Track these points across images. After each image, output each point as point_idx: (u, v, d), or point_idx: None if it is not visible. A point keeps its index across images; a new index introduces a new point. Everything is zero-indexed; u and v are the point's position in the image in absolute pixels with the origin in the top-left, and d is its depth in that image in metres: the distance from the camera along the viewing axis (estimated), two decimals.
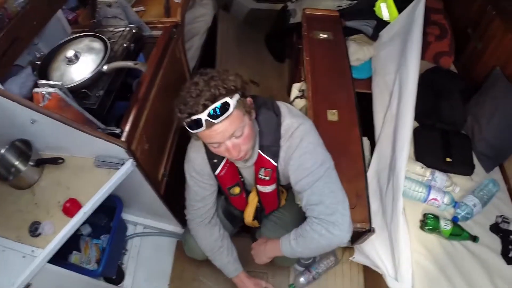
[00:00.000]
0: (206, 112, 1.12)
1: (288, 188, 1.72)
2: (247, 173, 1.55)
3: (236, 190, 1.59)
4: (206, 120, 1.13)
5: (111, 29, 1.87)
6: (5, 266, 1.27)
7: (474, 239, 1.68)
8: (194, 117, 1.14)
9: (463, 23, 2.40)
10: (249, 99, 1.25)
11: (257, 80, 3.54)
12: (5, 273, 1.25)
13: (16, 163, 1.56)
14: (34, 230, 1.34)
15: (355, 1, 2.52)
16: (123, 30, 1.84)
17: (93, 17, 1.93)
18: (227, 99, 1.13)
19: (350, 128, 1.82)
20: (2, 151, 1.50)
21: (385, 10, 2.38)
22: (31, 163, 1.45)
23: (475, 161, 1.94)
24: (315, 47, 2.17)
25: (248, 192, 1.65)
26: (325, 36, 2.23)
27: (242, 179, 1.58)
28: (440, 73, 2.23)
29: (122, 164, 1.50)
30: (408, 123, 1.79)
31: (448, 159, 1.89)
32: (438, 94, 2.09)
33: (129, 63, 1.56)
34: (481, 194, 1.75)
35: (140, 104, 1.64)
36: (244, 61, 3.68)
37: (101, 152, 1.51)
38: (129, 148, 1.49)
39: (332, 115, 1.85)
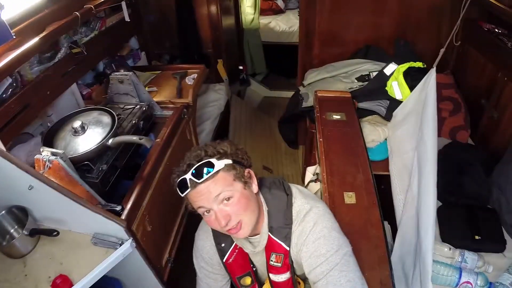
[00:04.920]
0: (190, 171, 1.16)
1: (305, 278, 1.57)
2: (259, 261, 1.45)
3: (247, 280, 1.46)
4: (190, 180, 1.15)
5: (121, 105, 1.93)
6: None
7: None
8: (180, 177, 1.18)
9: (476, 94, 2.40)
10: (247, 170, 1.26)
11: (270, 166, 3.52)
12: None
13: (12, 230, 1.53)
14: None
15: (366, 82, 2.56)
16: (133, 107, 1.89)
17: (106, 93, 2.02)
18: (212, 159, 1.17)
19: (370, 211, 1.71)
20: None
21: (397, 89, 2.40)
22: (25, 232, 1.41)
23: (506, 235, 1.82)
24: (328, 128, 2.14)
25: (261, 284, 1.51)
26: (338, 117, 2.22)
27: (254, 269, 1.47)
28: (458, 148, 2.20)
29: (120, 244, 1.43)
30: (431, 203, 1.69)
31: (477, 237, 1.77)
32: (458, 169, 2.03)
33: (133, 138, 1.56)
34: None
35: (144, 182, 1.60)
36: (257, 147, 3.68)
37: (99, 230, 1.45)
38: (129, 227, 1.44)
39: (349, 198, 1.76)
